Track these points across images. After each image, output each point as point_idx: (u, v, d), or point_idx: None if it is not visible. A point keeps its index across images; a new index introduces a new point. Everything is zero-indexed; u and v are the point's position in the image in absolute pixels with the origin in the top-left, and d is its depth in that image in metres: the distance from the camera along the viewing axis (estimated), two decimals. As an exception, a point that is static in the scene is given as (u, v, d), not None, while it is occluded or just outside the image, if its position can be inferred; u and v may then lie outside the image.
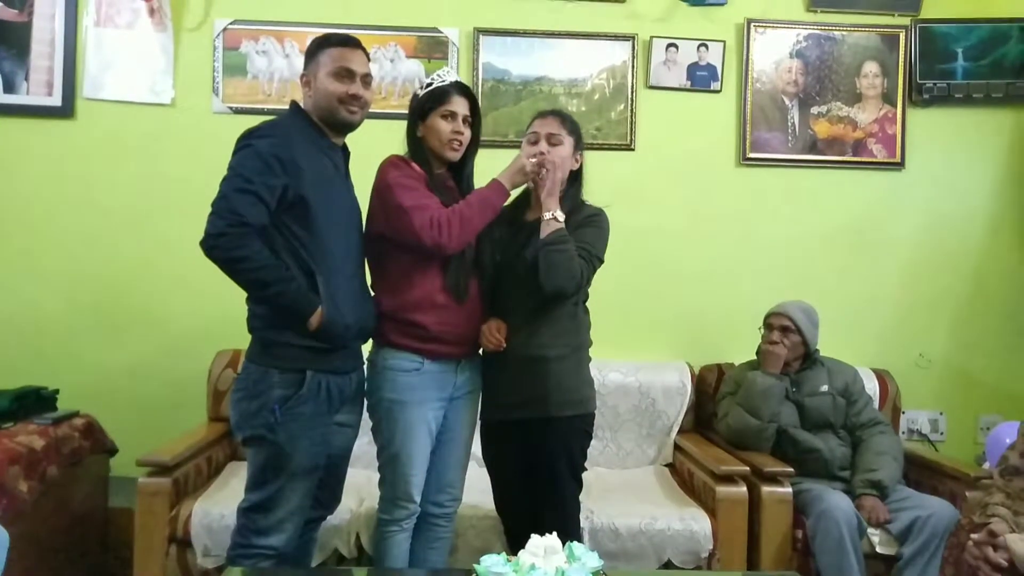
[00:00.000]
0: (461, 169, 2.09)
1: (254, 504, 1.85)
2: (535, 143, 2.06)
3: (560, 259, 1.93)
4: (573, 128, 2.10)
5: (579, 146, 2.11)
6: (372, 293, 2.04)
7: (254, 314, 1.87)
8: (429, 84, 2.05)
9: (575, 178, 2.11)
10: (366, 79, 1.93)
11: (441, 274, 1.98)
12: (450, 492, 2.10)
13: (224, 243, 1.74)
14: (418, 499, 2.03)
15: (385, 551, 2.06)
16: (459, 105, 2.02)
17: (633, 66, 3.05)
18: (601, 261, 2.05)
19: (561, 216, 1.98)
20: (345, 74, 1.89)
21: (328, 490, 2.01)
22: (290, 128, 1.87)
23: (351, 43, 1.93)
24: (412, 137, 2.06)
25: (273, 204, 1.78)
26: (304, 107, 1.94)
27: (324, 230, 1.84)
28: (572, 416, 2.01)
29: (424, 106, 2.03)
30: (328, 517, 2.11)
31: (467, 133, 2.04)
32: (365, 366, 2.04)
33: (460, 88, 2.04)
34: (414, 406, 1.98)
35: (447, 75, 2.06)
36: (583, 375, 2.07)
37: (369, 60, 1.97)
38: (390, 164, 2.01)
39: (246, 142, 1.82)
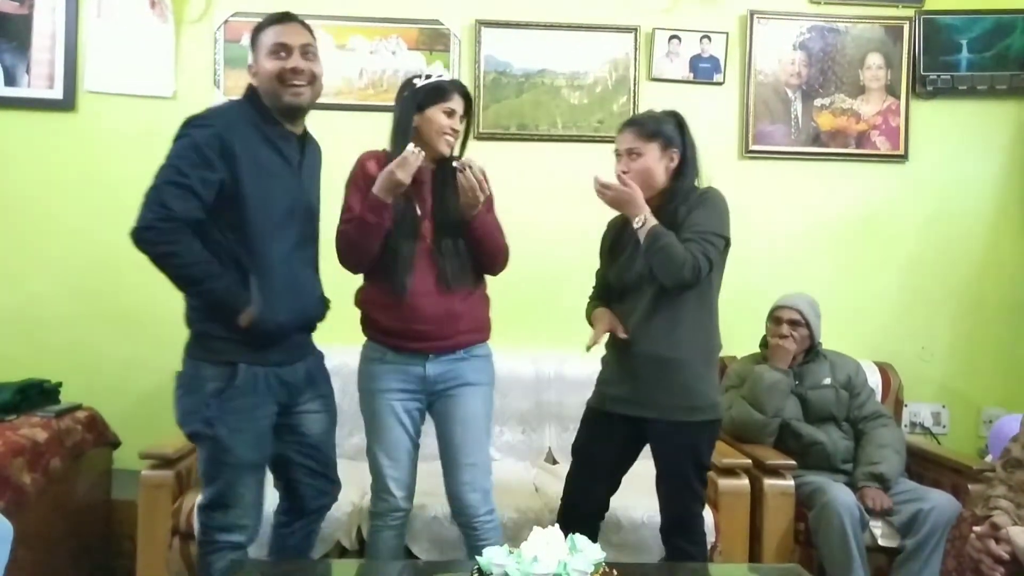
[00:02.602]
0: (445, 165, 2.05)
1: (210, 501, 1.84)
2: (619, 160, 2.03)
3: (663, 255, 1.89)
4: (655, 131, 2.00)
5: (672, 143, 2.01)
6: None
7: (190, 307, 1.85)
8: (428, 77, 2.04)
9: (680, 172, 2.03)
10: (306, 50, 1.83)
11: (383, 272, 1.98)
12: (455, 504, 2.05)
13: (151, 237, 1.70)
14: (399, 494, 2.04)
15: (371, 546, 2.10)
16: (458, 104, 2.03)
17: (635, 58, 3.04)
18: (720, 236, 1.95)
19: (648, 218, 1.92)
20: (280, 49, 1.80)
21: (321, 478, 1.99)
22: (235, 115, 1.81)
23: (285, 19, 1.86)
24: (405, 125, 2.01)
25: (208, 198, 1.72)
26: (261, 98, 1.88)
27: (261, 226, 1.79)
28: (697, 423, 1.98)
29: (426, 98, 2.02)
30: (332, 507, 2.09)
31: (459, 129, 2.05)
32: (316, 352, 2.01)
33: (459, 88, 2.06)
34: (379, 394, 2.02)
35: (444, 73, 2.09)
36: (711, 379, 2.04)
37: (312, 34, 1.89)
38: (368, 156, 2.04)
39: (185, 131, 1.76)
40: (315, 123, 2.97)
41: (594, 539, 2.08)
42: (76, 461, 2.53)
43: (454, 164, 1.97)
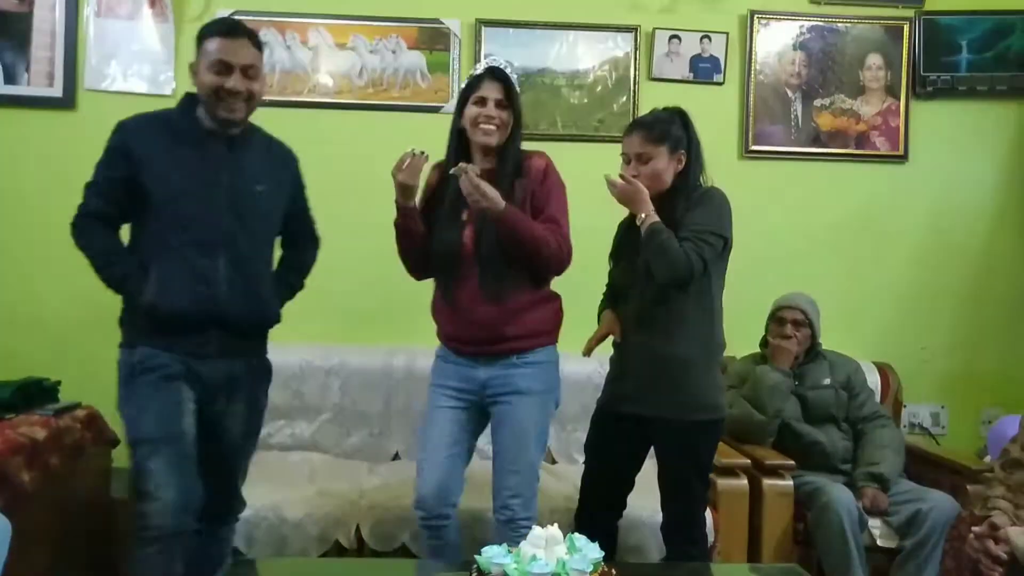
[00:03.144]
0: (503, 155, 2.03)
1: (135, 486, 1.89)
2: (628, 163, 2.02)
3: (658, 252, 1.90)
4: (663, 134, 1.99)
5: (679, 145, 2.01)
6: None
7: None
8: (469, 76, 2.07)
9: (685, 173, 2.02)
10: (248, 71, 1.86)
11: (438, 278, 2.07)
12: (498, 505, 2.02)
13: (73, 232, 1.91)
14: (428, 490, 2.00)
15: (420, 548, 2.14)
16: (490, 90, 2.00)
17: (635, 58, 3.04)
18: (719, 236, 1.95)
19: (650, 215, 1.93)
20: (222, 68, 1.83)
21: (221, 484, 1.96)
22: (152, 120, 1.93)
23: (233, 32, 1.88)
24: (453, 130, 2.06)
25: (114, 196, 1.88)
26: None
27: (164, 219, 1.86)
28: (697, 421, 1.98)
29: (461, 98, 2.04)
30: (233, 521, 2.06)
31: (500, 115, 1.99)
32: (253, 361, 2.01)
33: (492, 73, 2.03)
34: (435, 388, 2.08)
35: (488, 62, 2.07)
36: (713, 378, 2.03)
37: (260, 48, 1.92)
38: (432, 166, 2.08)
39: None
40: (316, 122, 3.00)
41: (613, 539, 2.12)
42: (75, 459, 2.52)
43: (451, 171, 1.95)
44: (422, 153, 1.92)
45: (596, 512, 2.12)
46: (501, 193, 1.92)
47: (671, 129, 2.01)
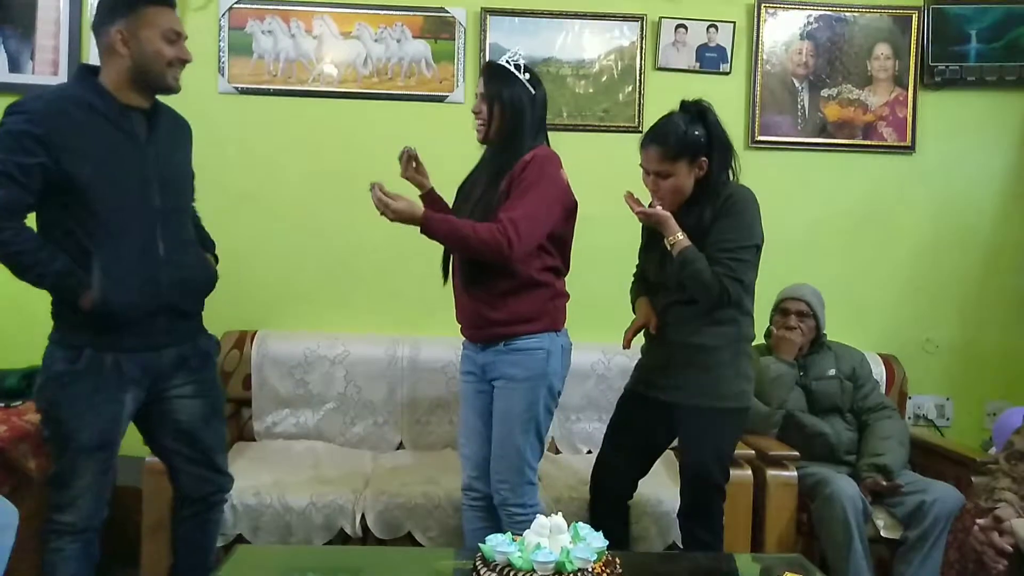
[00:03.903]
0: (494, 147, 2.04)
1: (50, 478, 1.83)
2: (647, 176, 2.02)
3: (692, 281, 1.94)
4: (680, 149, 1.95)
5: (698, 153, 1.97)
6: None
7: None
8: None
9: (707, 177, 2.00)
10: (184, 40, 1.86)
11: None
12: (493, 484, 2.06)
13: None
14: (468, 472, 2.11)
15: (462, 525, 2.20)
16: (479, 84, 2.04)
17: (641, 47, 3.02)
18: (751, 247, 1.97)
19: (679, 239, 1.94)
20: (175, 36, 1.80)
21: (199, 465, 1.95)
22: (60, 100, 1.75)
23: (171, 3, 1.83)
24: None
25: (32, 183, 1.69)
26: (104, 70, 1.79)
27: (100, 205, 1.74)
28: (721, 409, 2.01)
29: None
30: (224, 498, 2.05)
31: (481, 107, 2.01)
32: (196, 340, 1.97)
33: (482, 68, 2.06)
34: (461, 376, 2.17)
35: (513, 57, 2.04)
36: (739, 368, 2.04)
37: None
38: None
39: (2, 120, 1.72)
40: (320, 111, 2.99)
41: (624, 521, 2.16)
42: (81, 447, 2.53)
43: (369, 184, 1.93)
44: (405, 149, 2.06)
45: (608, 494, 2.18)
46: (482, 183, 2.00)
47: (687, 139, 1.96)
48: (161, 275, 1.82)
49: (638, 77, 3.03)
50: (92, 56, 2.92)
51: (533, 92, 2.00)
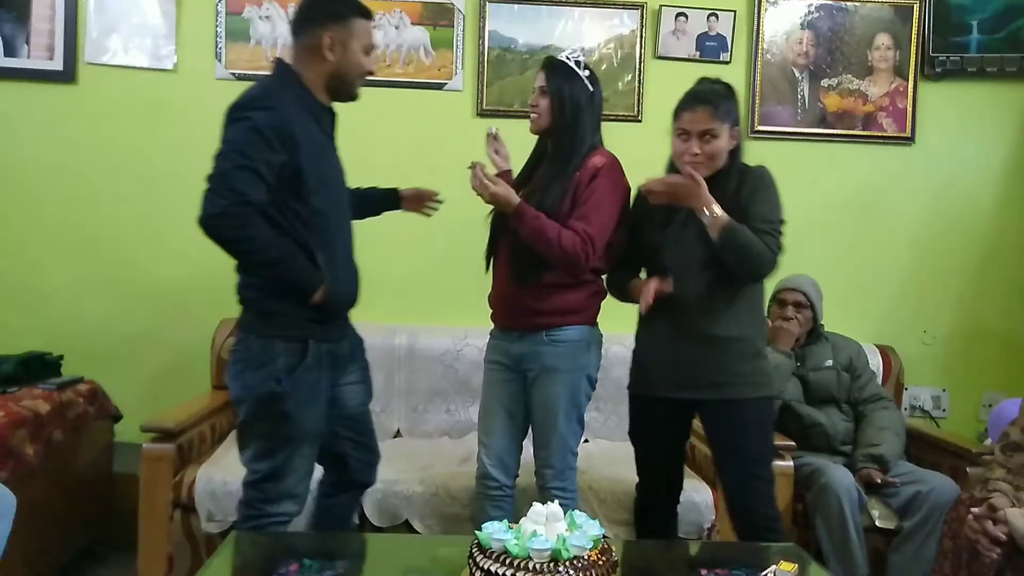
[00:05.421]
0: (555, 143, 2.05)
1: (264, 475, 1.84)
2: (687, 140, 1.95)
3: (743, 254, 1.87)
4: (727, 112, 1.94)
5: (736, 124, 1.97)
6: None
7: (248, 285, 1.84)
8: None
9: (736, 151, 1.99)
10: None
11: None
12: (536, 469, 2.10)
13: (227, 223, 1.69)
14: (487, 461, 2.11)
15: (475, 515, 2.19)
16: (538, 78, 2.06)
17: (641, 35, 3.01)
18: (783, 222, 1.94)
19: (718, 213, 1.87)
20: (371, 50, 1.90)
21: (364, 450, 2.04)
22: (286, 96, 1.79)
23: (372, 16, 1.93)
24: None
25: (272, 180, 1.72)
26: (302, 68, 1.84)
27: (320, 202, 1.81)
28: (761, 398, 1.98)
29: None
30: (374, 480, 2.12)
31: (540, 101, 2.03)
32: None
33: (543, 63, 2.09)
34: (487, 365, 2.16)
35: (575, 55, 2.07)
36: (765, 356, 2.03)
37: None
38: None
39: (242, 114, 1.73)
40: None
41: (673, 519, 2.15)
42: (78, 434, 2.54)
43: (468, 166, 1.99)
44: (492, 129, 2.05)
45: (659, 497, 2.14)
46: (547, 177, 2.00)
47: (732, 105, 1.97)
48: (354, 268, 1.97)
49: (638, 66, 3.02)
50: (89, 41, 2.91)
51: (592, 90, 2.04)
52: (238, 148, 1.69)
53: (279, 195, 1.75)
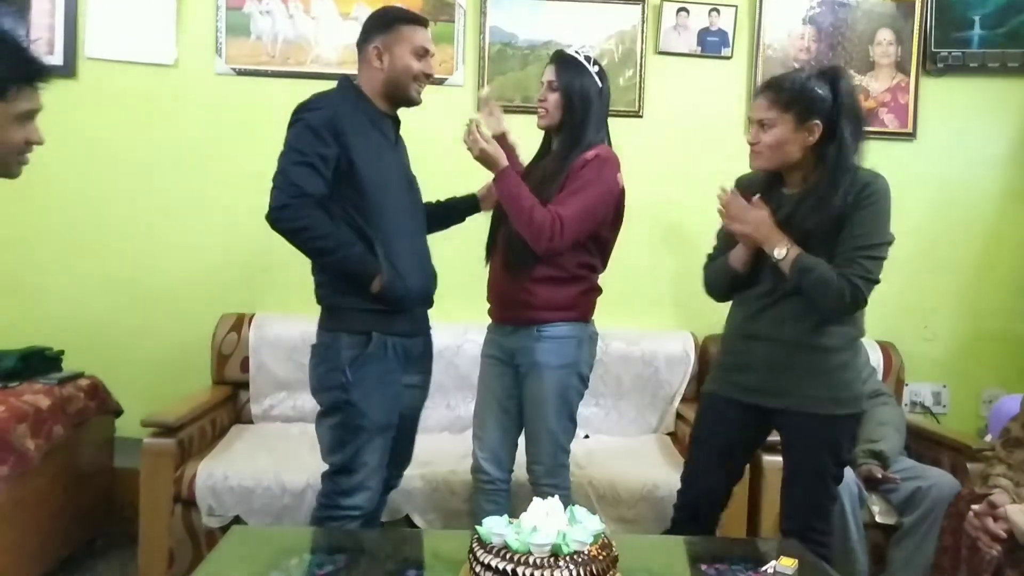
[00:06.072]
0: (561, 137, 2.05)
1: (338, 467, 1.92)
2: (752, 129, 1.85)
3: (816, 291, 1.74)
4: (792, 99, 1.76)
5: (812, 114, 1.76)
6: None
7: (319, 284, 1.96)
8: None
9: (823, 152, 1.78)
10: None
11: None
12: (527, 464, 2.10)
13: (287, 215, 1.82)
14: (481, 455, 2.11)
15: (473, 509, 2.19)
16: (547, 72, 2.06)
17: (642, 31, 3.00)
18: (884, 244, 1.79)
19: (781, 252, 1.76)
20: (425, 53, 1.97)
21: (399, 454, 2.06)
22: (339, 100, 1.93)
23: (424, 22, 2.00)
24: None
25: (329, 173, 1.84)
26: (361, 80, 1.97)
27: (378, 195, 1.90)
28: (841, 415, 1.82)
29: None
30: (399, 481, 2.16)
31: (548, 96, 2.03)
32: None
33: (552, 57, 2.09)
34: (482, 359, 2.17)
35: (584, 50, 2.08)
36: (855, 369, 1.86)
37: None
38: None
39: (297, 116, 1.88)
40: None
41: (712, 532, 2.01)
42: (78, 428, 2.54)
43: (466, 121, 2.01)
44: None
45: (703, 506, 1.98)
46: (547, 169, 2.00)
47: (804, 91, 1.77)
48: (427, 266, 2.02)
49: (639, 61, 3.01)
50: (89, 39, 2.91)
51: (600, 85, 2.04)
52: (294, 147, 1.85)
53: (337, 187, 1.87)
